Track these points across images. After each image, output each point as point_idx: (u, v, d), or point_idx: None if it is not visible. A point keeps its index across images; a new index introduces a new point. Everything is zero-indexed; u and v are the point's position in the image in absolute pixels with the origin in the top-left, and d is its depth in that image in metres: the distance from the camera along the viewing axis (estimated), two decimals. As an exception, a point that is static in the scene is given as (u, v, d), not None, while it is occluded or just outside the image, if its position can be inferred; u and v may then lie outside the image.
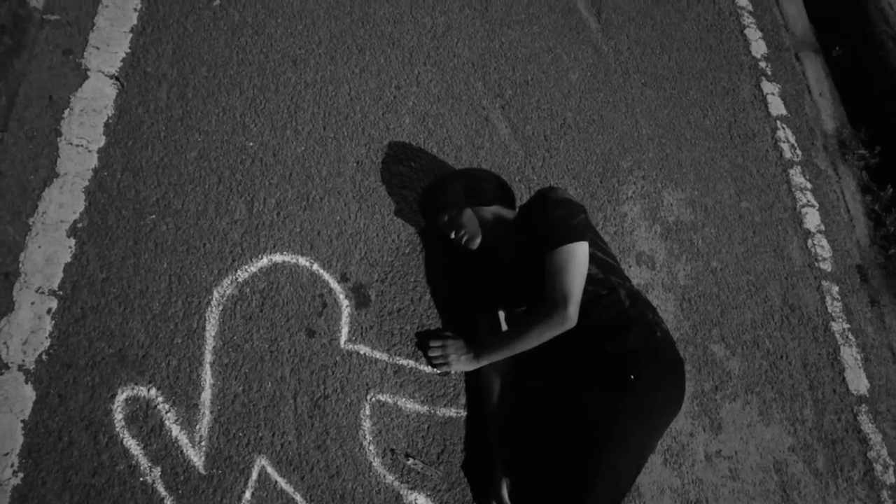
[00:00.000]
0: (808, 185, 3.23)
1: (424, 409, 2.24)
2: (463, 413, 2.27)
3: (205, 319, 2.13)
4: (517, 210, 2.41)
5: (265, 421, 2.07)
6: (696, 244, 2.86)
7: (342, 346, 2.24)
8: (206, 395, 2.04)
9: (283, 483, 2.01)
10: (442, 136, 2.74)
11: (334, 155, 2.54)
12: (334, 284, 2.32)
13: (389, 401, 2.21)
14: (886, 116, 3.46)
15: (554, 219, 2.13)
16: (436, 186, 2.43)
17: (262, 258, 2.28)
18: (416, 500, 2.11)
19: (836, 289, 2.99)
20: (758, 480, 2.47)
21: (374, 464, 2.11)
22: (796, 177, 3.23)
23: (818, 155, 3.36)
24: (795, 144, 3.33)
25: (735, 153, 3.18)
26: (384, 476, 2.11)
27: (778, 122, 3.37)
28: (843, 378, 2.79)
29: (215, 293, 2.17)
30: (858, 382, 2.81)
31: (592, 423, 2.00)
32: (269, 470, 2.01)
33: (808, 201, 3.19)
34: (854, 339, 2.89)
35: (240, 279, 2.22)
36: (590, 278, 2.11)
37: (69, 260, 2.07)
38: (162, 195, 2.25)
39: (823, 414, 2.67)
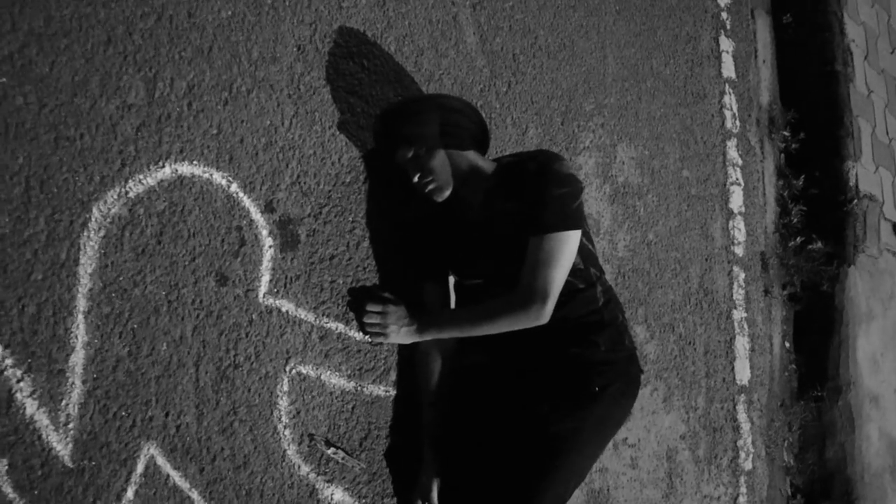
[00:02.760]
0: (740, 162, 3.14)
1: (350, 385, 1.87)
2: (392, 392, 1.94)
3: (78, 249, 1.52)
4: (495, 162, 2.00)
5: (157, 396, 1.58)
6: (639, 212, 2.67)
7: (261, 301, 1.76)
8: (78, 359, 1.49)
9: (176, 477, 1.58)
10: (402, 30, 2.16)
11: (270, 31, 1.88)
12: (256, 215, 1.79)
13: (312, 374, 1.81)
14: (814, 104, 3.43)
15: (553, 197, 1.77)
16: (405, 110, 1.91)
17: (163, 166, 1.66)
18: (332, 494, 1.79)
19: (742, 276, 3.01)
20: (652, 468, 2.49)
21: (289, 452, 1.74)
22: (731, 150, 3.12)
23: (751, 129, 3.26)
24: (736, 114, 3.19)
25: (686, 112, 2.97)
26: (299, 467, 1.75)
27: (726, 86, 3.19)
28: (733, 367, 2.87)
29: (95, 211, 1.55)
30: (743, 372, 2.92)
31: (546, 435, 1.79)
32: (160, 460, 1.56)
33: (736, 179, 3.11)
34: (747, 329, 2.96)
35: (131, 194, 1.60)
36: (571, 269, 1.83)
37: None
38: (18, 49, 1.50)
39: (712, 402, 2.74)
